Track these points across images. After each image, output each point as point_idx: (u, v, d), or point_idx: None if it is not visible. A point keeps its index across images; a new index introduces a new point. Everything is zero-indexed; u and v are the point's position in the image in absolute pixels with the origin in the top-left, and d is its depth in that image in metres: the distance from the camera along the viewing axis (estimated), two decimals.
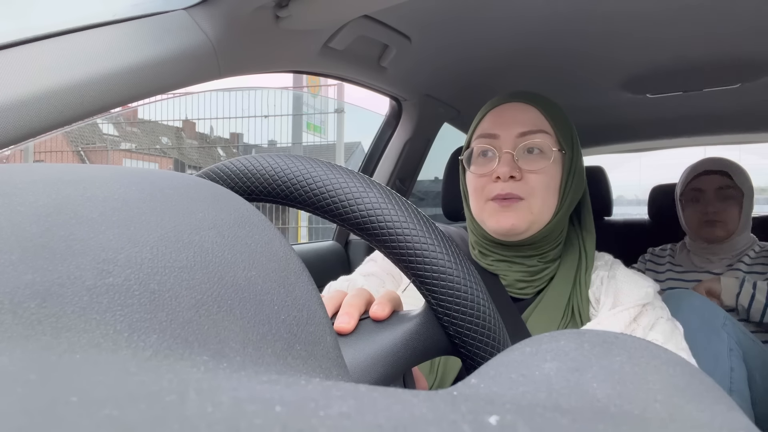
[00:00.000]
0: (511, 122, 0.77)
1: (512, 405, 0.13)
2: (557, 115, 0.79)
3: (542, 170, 0.75)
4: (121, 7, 0.65)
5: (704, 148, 2.09)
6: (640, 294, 0.73)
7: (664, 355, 0.18)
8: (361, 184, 0.35)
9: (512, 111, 0.78)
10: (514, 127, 0.76)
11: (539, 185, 0.75)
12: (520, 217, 0.74)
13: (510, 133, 0.76)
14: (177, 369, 0.14)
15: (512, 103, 0.79)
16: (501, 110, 0.79)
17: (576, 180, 0.80)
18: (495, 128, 0.78)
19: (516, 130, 0.76)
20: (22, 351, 0.13)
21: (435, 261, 0.34)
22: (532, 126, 0.76)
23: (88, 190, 0.19)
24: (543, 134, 0.76)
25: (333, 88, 6.12)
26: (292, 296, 0.21)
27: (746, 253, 1.44)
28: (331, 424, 0.11)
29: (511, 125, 0.77)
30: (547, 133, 0.76)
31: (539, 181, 0.75)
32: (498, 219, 0.75)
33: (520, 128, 0.76)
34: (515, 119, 0.77)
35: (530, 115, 0.77)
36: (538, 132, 0.76)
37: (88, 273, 0.16)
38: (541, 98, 0.80)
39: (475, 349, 0.37)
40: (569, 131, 0.80)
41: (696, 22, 0.98)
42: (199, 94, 6.95)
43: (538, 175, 0.75)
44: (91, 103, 0.59)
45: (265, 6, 0.75)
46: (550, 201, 0.76)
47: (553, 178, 0.76)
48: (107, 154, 8.11)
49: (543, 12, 0.95)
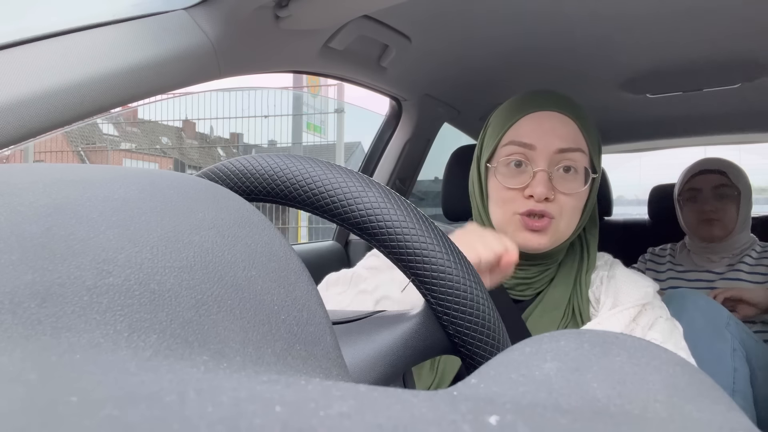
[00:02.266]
0: (551, 135, 0.73)
1: (512, 405, 0.13)
2: (592, 131, 0.76)
3: (575, 194, 0.73)
4: (121, 7, 0.65)
5: (704, 148, 2.09)
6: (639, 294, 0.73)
7: (664, 355, 0.18)
8: (360, 183, 0.35)
9: (552, 122, 0.74)
10: (553, 141, 0.73)
11: (569, 207, 0.74)
12: (546, 238, 0.73)
13: (548, 146, 0.72)
14: (177, 369, 0.14)
15: (552, 112, 0.75)
16: (539, 118, 0.75)
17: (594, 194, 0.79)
18: (532, 138, 0.73)
19: (555, 144, 0.72)
20: (22, 351, 0.13)
21: (434, 260, 0.34)
22: (572, 143, 0.73)
23: (88, 190, 0.19)
24: (580, 153, 0.74)
25: (333, 88, 6.11)
26: (292, 296, 0.21)
27: (747, 253, 1.44)
28: (331, 424, 0.11)
29: (550, 138, 0.73)
30: (583, 152, 0.74)
31: (570, 204, 0.73)
32: (525, 237, 0.73)
33: (559, 143, 0.72)
34: (555, 132, 0.73)
35: (569, 130, 0.74)
36: (576, 151, 0.73)
37: (88, 273, 0.16)
38: (580, 110, 0.77)
39: (475, 349, 0.37)
40: (599, 147, 0.78)
41: (696, 23, 0.98)
42: (199, 94, 6.95)
43: (570, 197, 0.73)
44: (91, 103, 0.59)
45: (265, 6, 0.75)
46: (574, 221, 0.76)
47: (581, 201, 0.76)
48: (107, 154, 8.11)
49: (543, 12, 0.95)
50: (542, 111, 0.75)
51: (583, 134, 0.75)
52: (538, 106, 0.75)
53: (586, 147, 0.75)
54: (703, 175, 1.47)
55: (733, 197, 1.43)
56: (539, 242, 0.73)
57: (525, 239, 0.73)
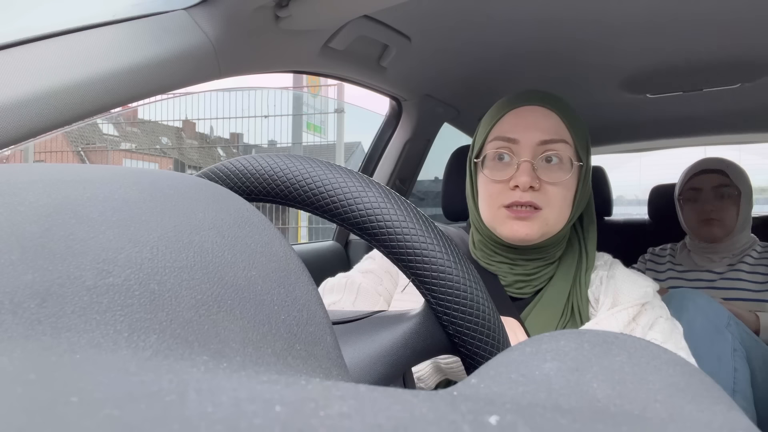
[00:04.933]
0: (532, 127, 0.74)
1: (512, 405, 0.13)
2: (576, 123, 0.77)
3: (561, 183, 0.74)
4: (121, 7, 0.65)
5: (704, 148, 2.09)
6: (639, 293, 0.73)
7: (664, 355, 0.18)
8: (360, 183, 0.35)
9: (533, 116, 0.75)
10: (535, 134, 0.74)
11: (557, 197, 0.74)
12: (535, 228, 0.73)
13: (531, 139, 0.74)
14: (177, 369, 0.14)
15: (533, 106, 0.76)
16: (521, 113, 0.76)
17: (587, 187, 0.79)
18: (515, 132, 0.75)
19: (537, 137, 0.74)
20: (22, 351, 0.13)
21: (434, 260, 0.34)
22: (554, 134, 0.74)
23: (88, 190, 0.19)
24: (563, 144, 0.74)
25: (333, 88, 6.11)
26: (292, 296, 0.21)
27: (748, 253, 1.44)
28: (331, 424, 0.11)
29: (532, 131, 0.74)
30: (567, 143, 0.75)
31: (557, 194, 0.74)
32: (512, 227, 0.73)
33: (541, 135, 0.74)
34: (537, 125, 0.75)
35: (552, 122, 0.75)
36: (559, 141, 0.74)
37: (88, 273, 0.16)
38: (562, 103, 0.77)
39: (475, 348, 0.37)
40: (586, 139, 0.79)
41: (696, 23, 0.98)
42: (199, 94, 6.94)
43: (556, 187, 0.74)
44: (91, 103, 0.59)
45: (265, 6, 0.75)
46: (564, 212, 0.76)
47: (569, 190, 0.76)
48: (107, 154, 8.11)
49: (543, 12, 0.95)
50: (525, 106, 0.77)
51: (566, 126, 0.76)
52: (521, 102, 0.77)
53: (570, 138, 0.75)
54: (704, 175, 1.48)
55: (733, 197, 1.43)
56: (527, 231, 0.73)
57: (512, 230, 0.73)
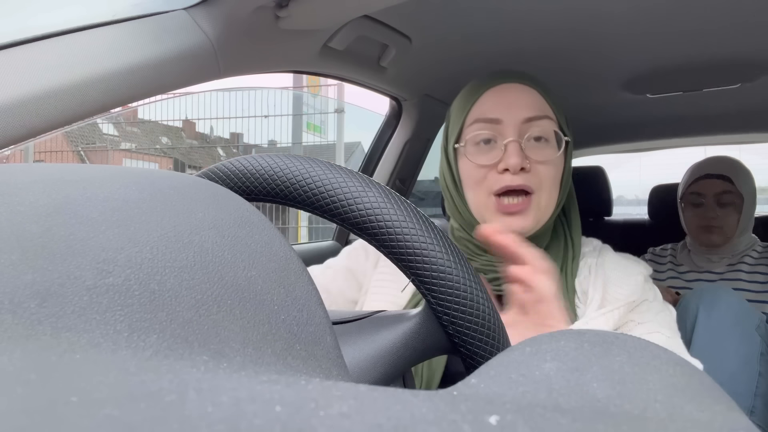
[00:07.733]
0: (514, 105, 0.70)
1: (512, 405, 0.13)
2: (555, 99, 0.74)
3: (551, 161, 0.70)
4: (121, 7, 0.65)
5: (704, 148, 2.09)
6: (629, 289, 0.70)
7: (664, 355, 0.18)
8: (360, 183, 0.35)
9: (514, 93, 0.71)
10: (518, 111, 0.70)
11: (548, 177, 0.70)
12: (529, 219, 0.70)
13: (515, 117, 0.69)
14: (177, 369, 0.14)
15: (511, 83, 0.72)
16: (500, 92, 0.72)
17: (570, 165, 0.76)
18: (496, 112, 0.70)
19: (521, 114, 0.70)
20: (22, 351, 0.13)
21: (434, 260, 0.34)
22: (538, 111, 0.71)
23: (88, 190, 0.19)
24: (548, 120, 0.71)
25: (333, 88, 6.11)
26: (292, 296, 0.21)
27: (748, 254, 1.44)
28: (331, 424, 0.11)
29: (515, 109, 0.70)
30: (550, 119, 0.72)
31: (548, 173, 0.70)
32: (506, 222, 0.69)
33: (525, 112, 0.70)
34: (519, 102, 0.70)
35: (533, 98, 0.71)
36: (543, 118, 0.71)
37: (88, 273, 0.16)
38: (538, 79, 0.75)
39: (475, 349, 0.37)
40: (565, 114, 0.76)
41: (696, 22, 0.98)
42: (199, 94, 6.95)
43: (546, 166, 0.70)
44: (91, 103, 0.58)
45: (265, 6, 0.75)
46: (554, 194, 0.72)
47: (558, 170, 0.72)
48: (107, 154, 8.11)
49: (543, 12, 0.95)
50: (503, 84, 0.73)
51: (547, 101, 0.73)
52: (497, 80, 0.73)
53: (553, 114, 0.73)
54: (707, 180, 1.44)
55: (735, 205, 1.41)
56: (522, 225, 0.69)
57: (505, 225, 0.69)
